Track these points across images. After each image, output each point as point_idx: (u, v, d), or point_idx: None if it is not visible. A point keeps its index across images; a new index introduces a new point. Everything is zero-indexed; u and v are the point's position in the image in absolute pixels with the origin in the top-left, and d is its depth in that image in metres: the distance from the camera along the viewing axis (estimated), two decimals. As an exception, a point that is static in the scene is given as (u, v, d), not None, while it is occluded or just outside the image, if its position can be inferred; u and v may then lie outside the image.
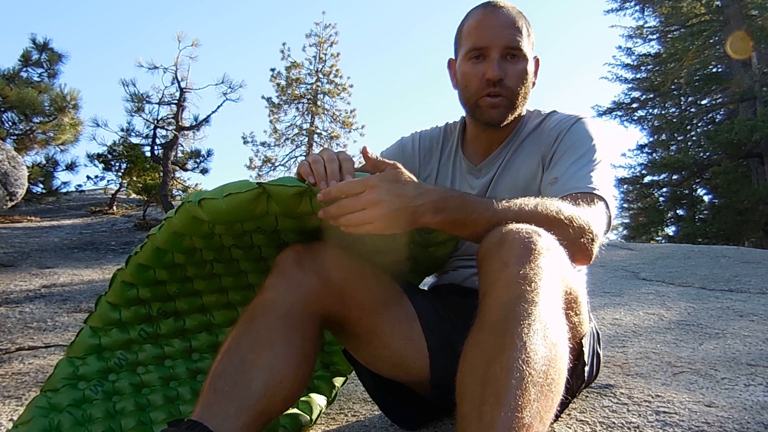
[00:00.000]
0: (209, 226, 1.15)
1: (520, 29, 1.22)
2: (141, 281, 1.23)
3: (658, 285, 3.05)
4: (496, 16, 1.22)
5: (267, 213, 1.09)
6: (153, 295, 1.25)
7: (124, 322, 1.26)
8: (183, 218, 1.13)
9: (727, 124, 13.61)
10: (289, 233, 1.23)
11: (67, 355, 1.25)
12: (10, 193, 5.04)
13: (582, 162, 1.17)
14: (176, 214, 1.14)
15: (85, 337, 1.25)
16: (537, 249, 0.87)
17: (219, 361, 0.98)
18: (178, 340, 1.33)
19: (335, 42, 20.01)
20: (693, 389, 1.34)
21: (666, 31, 16.12)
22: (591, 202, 1.09)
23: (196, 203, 1.08)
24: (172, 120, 6.32)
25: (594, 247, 1.05)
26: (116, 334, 1.26)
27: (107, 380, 1.25)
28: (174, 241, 1.18)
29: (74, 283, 3.46)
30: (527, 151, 1.28)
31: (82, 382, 1.23)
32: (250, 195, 1.04)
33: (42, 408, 1.19)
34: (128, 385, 1.26)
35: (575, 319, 1.03)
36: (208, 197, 1.07)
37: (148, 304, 1.26)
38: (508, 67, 1.21)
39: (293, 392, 1.00)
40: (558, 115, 1.30)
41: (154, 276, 1.23)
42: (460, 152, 1.37)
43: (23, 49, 7.20)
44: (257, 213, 1.08)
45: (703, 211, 15.85)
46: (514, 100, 1.23)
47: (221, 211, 1.06)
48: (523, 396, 0.75)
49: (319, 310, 1.04)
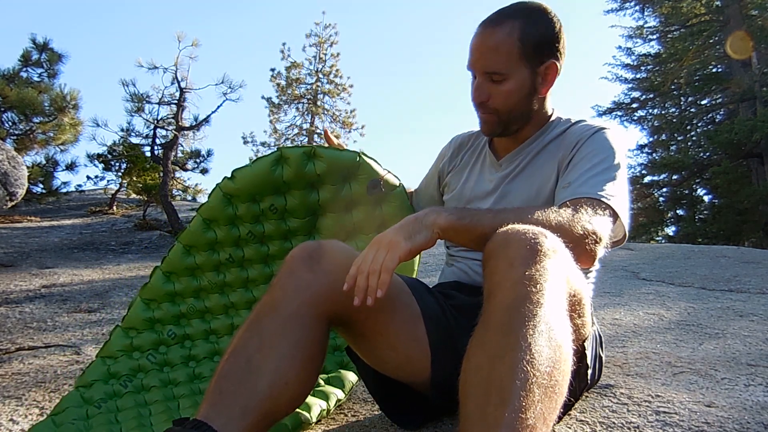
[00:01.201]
0: (233, 207, 1.47)
1: (504, 51, 1.18)
2: (200, 245, 1.50)
3: (658, 285, 3.05)
4: (481, 39, 1.21)
5: (282, 180, 1.46)
6: (203, 265, 1.50)
7: (177, 293, 1.47)
8: (214, 199, 1.47)
9: (727, 124, 13.60)
10: (294, 217, 1.53)
11: (121, 327, 1.44)
12: (10, 193, 5.04)
13: (596, 170, 1.17)
14: (209, 198, 1.49)
15: (139, 310, 1.44)
16: (543, 250, 0.87)
17: (225, 360, 0.98)
18: (224, 316, 1.52)
19: (335, 42, 20.02)
20: (693, 389, 1.34)
21: (666, 31, 16.11)
22: (596, 207, 1.09)
23: (229, 177, 1.46)
24: (172, 120, 6.32)
25: (597, 249, 1.06)
26: (167, 307, 1.47)
27: (136, 377, 1.39)
28: (199, 232, 1.48)
29: (74, 283, 3.46)
30: (548, 155, 1.29)
31: (112, 379, 1.38)
32: (271, 157, 1.46)
33: (75, 402, 1.31)
34: (179, 356, 1.45)
35: (578, 322, 1.04)
36: (239, 168, 1.46)
37: (197, 274, 1.50)
38: (492, 88, 1.22)
39: (299, 394, 1.00)
40: (583, 123, 1.30)
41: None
42: (487, 147, 1.41)
43: (23, 49, 7.20)
44: (275, 179, 1.45)
45: (703, 211, 15.84)
46: (501, 118, 1.25)
47: (249, 175, 1.44)
48: (528, 397, 0.75)
49: (326, 311, 1.04)
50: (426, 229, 1.01)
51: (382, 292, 0.96)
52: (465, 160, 1.45)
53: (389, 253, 0.98)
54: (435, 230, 1.01)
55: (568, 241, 0.95)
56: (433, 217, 1.02)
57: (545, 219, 1.00)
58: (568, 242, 0.95)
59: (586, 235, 1.03)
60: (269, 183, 1.46)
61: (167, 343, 1.44)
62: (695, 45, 14.94)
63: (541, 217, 1.00)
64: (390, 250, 0.98)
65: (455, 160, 1.48)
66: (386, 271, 0.96)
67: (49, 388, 1.67)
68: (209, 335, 1.49)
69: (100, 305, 2.85)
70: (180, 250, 1.47)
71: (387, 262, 0.97)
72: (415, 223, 1.02)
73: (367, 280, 0.97)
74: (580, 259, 1.01)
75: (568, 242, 0.95)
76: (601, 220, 1.08)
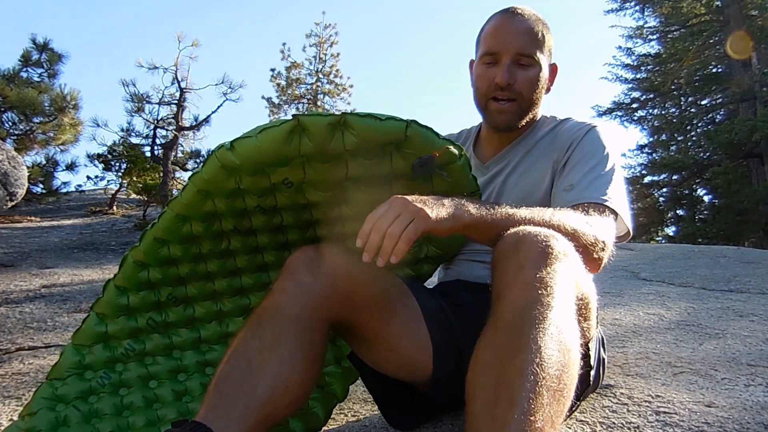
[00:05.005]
0: (236, 180, 1.13)
1: (535, 36, 1.25)
2: (154, 259, 1.19)
3: (658, 285, 3.05)
4: (511, 23, 1.25)
5: (299, 154, 1.07)
6: (164, 277, 1.23)
7: (132, 309, 1.23)
8: (211, 170, 1.09)
9: (727, 124, 13.60)
10: (314, 191, 1.20)
11: (72, 343, 1.22)
12: (10, 193, 5.04)
13: (595, 172, 1.20)
14: (204, 166, 1.11)
15: (92, 324, 1.22)
16: (554, 253, 0.87)
17: (225, 362, 0.98)
18: (186, 330, 1.29)
19: (335, 42, 19.99)
20: (693, 389, 1.34)
21: (666, 32, 16.11)
22: (603, 213, 1.13)
23: (228, 147, 1.06)
24: (172, 120, 6.32)
25: (604, 256, 1.09)
26: (123, 321, 1.22)
27: (114, 371, 1.23)
28: (196, 203, 1.15)
29: (74, 283, 3.46)
30: (539, 155, 1.30)
31: (88, 371, 1.21)
32: (285, 128, 1.03)
33: (48, 399, 1.17)
34: (136, 377, 1.24)
35: (584, 324, 1.04)
36: (241, 138, 1.06)
37: (157, 288, 1.24)
38: (518, 72, 1.24)
39: (299, 397, 1.00)
40: (572, 122, 1.32)
41: (168, 253, 1.20)
42: (471, 150, 1.42)
43: (23, 49, 7.22)
44: (290, 152, 1.06)
45: (703, 212, 15.84)
46: (523, 105, 1.27)
47: (255, 150, 1.05)
48: (536, 399, 0.75)
49: (327, 314, 1.03)
50: (452, 219, 0.96)
51: (396, 259, 0.89)
52: None
53: (414, 223, 0.90)
54: (458, 224, 0.97)
55: (578, 247, 0.96)
56: (460, 212, 0.97)
57: (563, 223, 1.01)
58: (578, 248, 0.96)
59: (596, 242, 1.06)
60: (281, 157, 1.10)
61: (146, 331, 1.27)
62: (695, 45, 14.94)
63: (559, 221, 1.01)
64: (417, 220, 0.90)
65: None
66: (406, 241, 0.89)
67: (49, 388, 1.67)
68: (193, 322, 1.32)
69: (100, 305, 2.85)
70: (173, 219, 1.19)
71: (410, 231, 0.89)
72: (444, 208, 0.95)
73: (381, 239, 0.89)
74: (588, 265, 1.02)
75: (578, 248, 0.96)
76: (608, 228, 1.11)
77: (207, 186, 1.12)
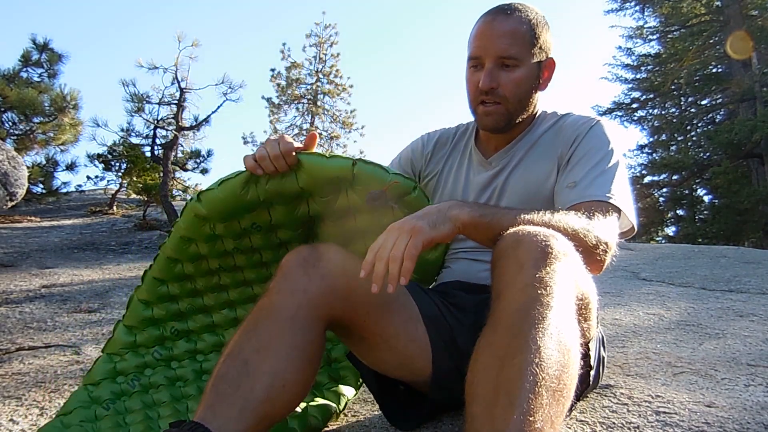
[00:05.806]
0: (210, 226, 1.26)
1: (519, 36, 1.22)
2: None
3: (658, 285, 3.05)
4: (492, 26, 1.23)
5: (258, 199, 1.22)
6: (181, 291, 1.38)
7: (157, 319, 1.36)
8: (186, 219, 1.25)
9: (727, 124, 13.61)
10: (284, 229, 1.34)
11: (105, 352, 1.34)
12: (10, 193, 5.04)
13: (600, 168, 1.19)
14: (181, 216, 1.26)
15: (121, 335, 1.34)
16: (553, 253, 0.87)
17: (222, 363, 0.98)
18: (208, 335, 1.44)
19: (335, 42, 20.01)
20: (693, 389, 1.34)
21: (666, 32, 16.12)
22: (606, 212, 1.12)
23: (196, 199, 1.22)
24: (172, 120, 6.31)
25: (606, 258, 1.09)
26: (150, 331, 1.36)
27: (144, 375, 1.34)
28: (181, 247, 1.29)
29: (74, 283, 3.46)
30: (542, 150, 1.30)
31: (120, 376, 1.32)
32: (241, 178, 1.20)
33: (83, 401, 1.26)
34: (164, 378, 1.36)
35: (584, 324, 1.04)
36: (207, 190, 1.22)
37: (177, 300, 1.39)
38: (502, 75, 1.23)
39: (296, 396, 1.00)
40: (574, 117, 1.32)
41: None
42: (473, 145, 1.41)
43: (23, 49, 7.21)
44: (249, 199, 1.22)
45: (703, 212, 15.84)
46: (510, 108, 1.26)
47: (217, 200, 1.20)
48: (536, 400, 0.75)
49: (323, 314, 1.03)
50: (449, 221, 0.98)
51: (406, 280, 0.91)
52: (449, 159, 1.45)
53: (413, 239, 0.93)
54: (457, 224, 0.99)
55: (581, 248, 0.96)
56: (456, 211, 1.00)
57: (565, 225, 1.01)
58: (581, 249, 0.96)
59: (599, 244, 1.05)
60: (243, 204, 1.23)
61: (171, 338, 1.41)
62: (695, 45, 14.95)
63: (561, 224, 1.01)
64: (414, 236, 0.93)
65: (435, 158, 1.47)
66: (410, 258, 0.91)
67: (49, 389, 1.67)
68: (214, 328, 1.46)
69: (100, 305, 2.85)
70: (165, 261, 1.33)
71: (411, 248, 0.92)
72: (438, 214, 0.99)
73: (386, 267, 0.92)
74: (591, 266, 1.02)
75: (581, 249, 0.96)
76: (611, 228, 1.10)
77: (186, 233, 1.26)
